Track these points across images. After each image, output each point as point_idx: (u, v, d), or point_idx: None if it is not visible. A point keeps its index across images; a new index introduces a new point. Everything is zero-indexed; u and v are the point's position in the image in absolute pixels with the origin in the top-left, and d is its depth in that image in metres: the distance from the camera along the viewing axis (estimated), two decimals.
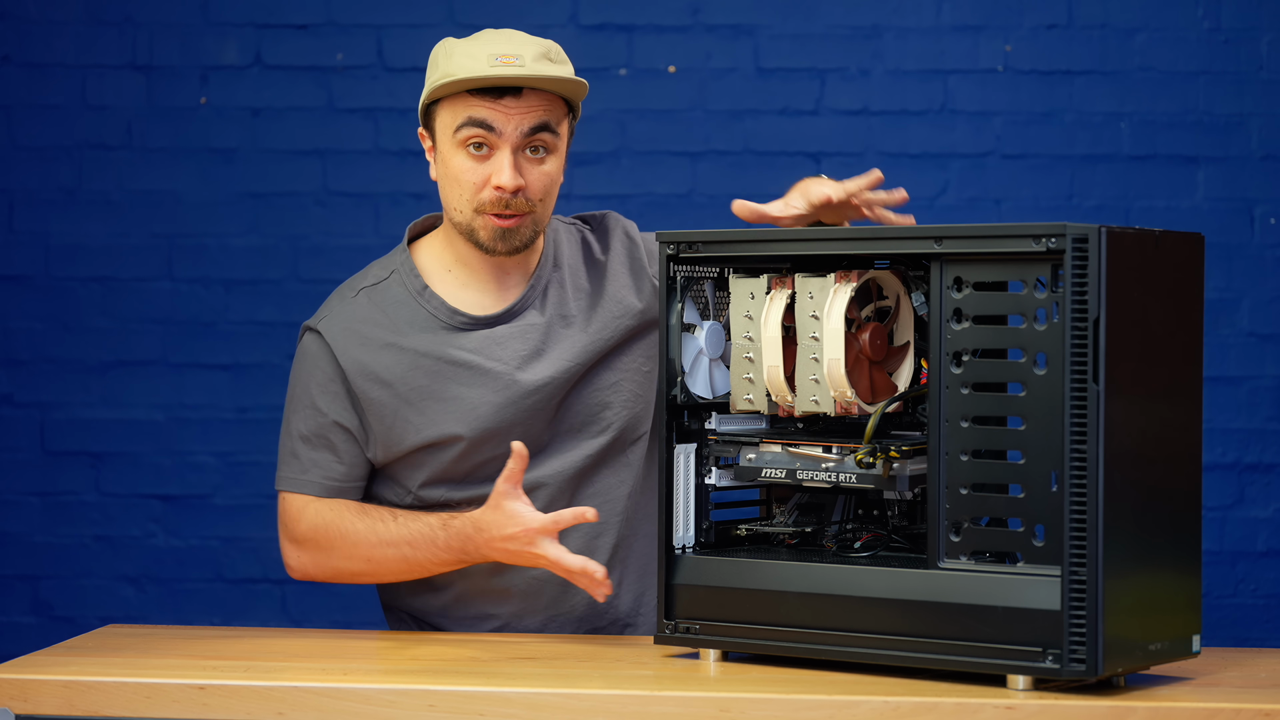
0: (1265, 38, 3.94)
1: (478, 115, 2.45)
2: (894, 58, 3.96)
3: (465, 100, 2.46)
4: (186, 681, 2.12)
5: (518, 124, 2.46)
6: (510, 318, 2.55)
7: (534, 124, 2.46)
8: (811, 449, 2.22)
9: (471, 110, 2.46)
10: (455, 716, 2.07)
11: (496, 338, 2.54)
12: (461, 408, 2.51)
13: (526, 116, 2.46)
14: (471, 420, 2.51)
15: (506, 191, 2.46)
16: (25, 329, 4.00)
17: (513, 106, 2.46)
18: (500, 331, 2.54)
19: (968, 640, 2.06)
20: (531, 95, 2.47)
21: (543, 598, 2.56)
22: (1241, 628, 3.92)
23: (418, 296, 2.55)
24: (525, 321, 2.55)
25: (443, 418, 2.51)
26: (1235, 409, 3.94)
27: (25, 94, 3.99)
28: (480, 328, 2.54)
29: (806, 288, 2.20)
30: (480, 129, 2.46)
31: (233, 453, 3.97)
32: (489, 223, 2.48)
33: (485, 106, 2.45)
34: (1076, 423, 1.99)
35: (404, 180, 3.97)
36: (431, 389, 2.51)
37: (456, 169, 2.48)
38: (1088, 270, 1.99)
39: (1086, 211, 3.93)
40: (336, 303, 2.58)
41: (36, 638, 3.75)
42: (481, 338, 2.53)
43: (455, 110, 2.47)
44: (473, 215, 2.49)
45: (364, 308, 2.55)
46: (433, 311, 2.54)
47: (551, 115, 2.48)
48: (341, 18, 3.98)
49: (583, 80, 2.49)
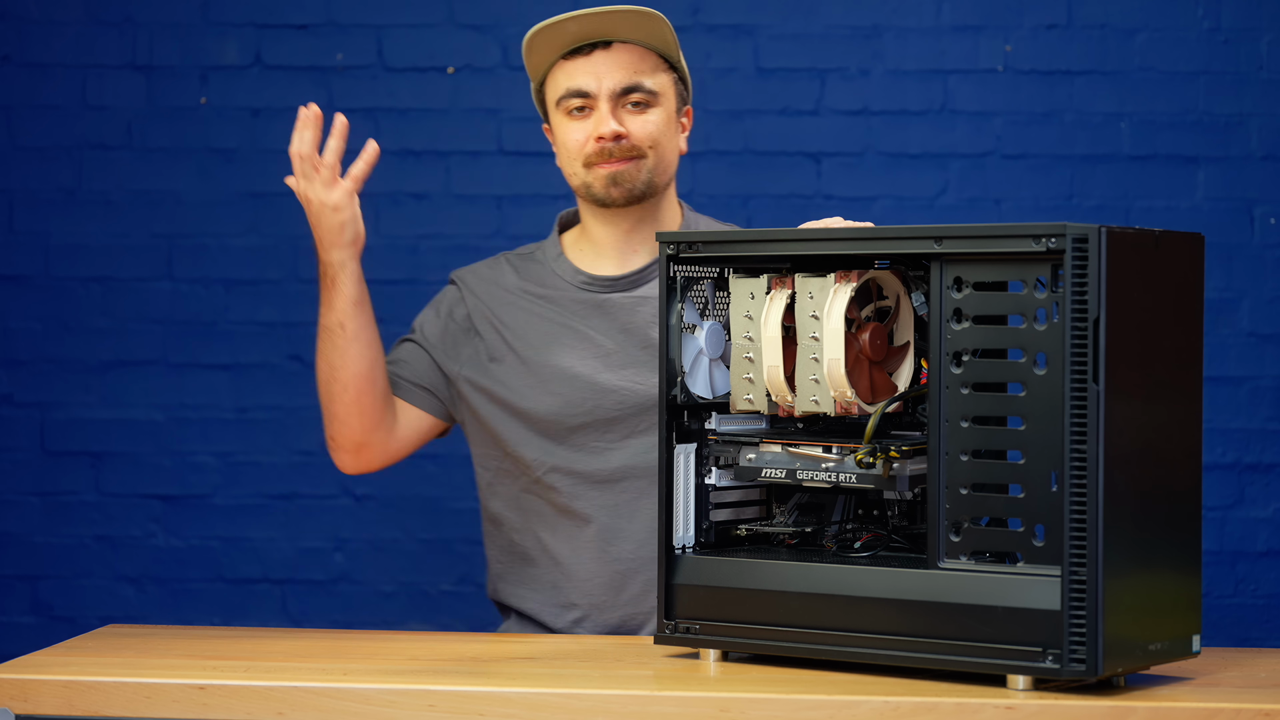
0: (1265, 38, 3.94)
1: (573, 84, 2.60)
2: (894, 58, 3.96)
3: (562, 68, 2.62)
4: (186, 681, 2.11)
5: (609, 81, 2.59)
6: (630, 286, 2.66)
7: (626, 83, 2.60)
8: (811, 449, 2.22)
9: (568, 78, 2.60)
10: (455, 716, 2.07)
11: (609, 306, 2.65)
12: (558, 366, 2.63)
13: (617, 72, 2.59)
14: (565, 380, 2.62)
15: (608, 139, 2.59)
16: (25, 329, 4.00)
17: (602, 63, 2.59)
18: (615, 299, 2.65)
19: (968, 640, 2.06)
20: (622, 51, 2.60)
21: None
22: (1241, 628, 3.92)
23: (553, 262, 2.70)
24: (639, 294, 2.65)
25: (542, 370, 2.63)
26: (1235, 409, 3.94)
27: (25, 94, 3.99)
28: (597, 290, 2.66)
29: (806, 288, 2.20)
30: (578, 97, 2.60)
31: (233, 453, 3.97)
32: (598, 172, 2.61)
33: (578, 68, 2.59)
34: (1076, 423, 1.99)
35: (404, 180, 3.97)
36: (536, 342, 2.65)
37: (563, 135, 2.64)
38: (1088, 270, 1.99)
39: (1086, 211, 3.93)
40: (476, 264, 2.79)
41: (36, 638, 3.75)
42: (594, 304, 2.65)
43: (555, 83, 2.63)
44: (585, 172, 2.62)
45: (502, 267, 2.75)
46: (559, 272, 2.68)
47: (644, 71, 2.61)
48: (341, 18, 3.98)
49: (664, 20, 2.58)
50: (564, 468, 2.63)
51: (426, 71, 3.99)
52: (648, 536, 2.60)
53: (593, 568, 2.62)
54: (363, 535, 3.95)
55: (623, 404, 2.62)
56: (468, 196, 3.97)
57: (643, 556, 2.61)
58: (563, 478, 2.63)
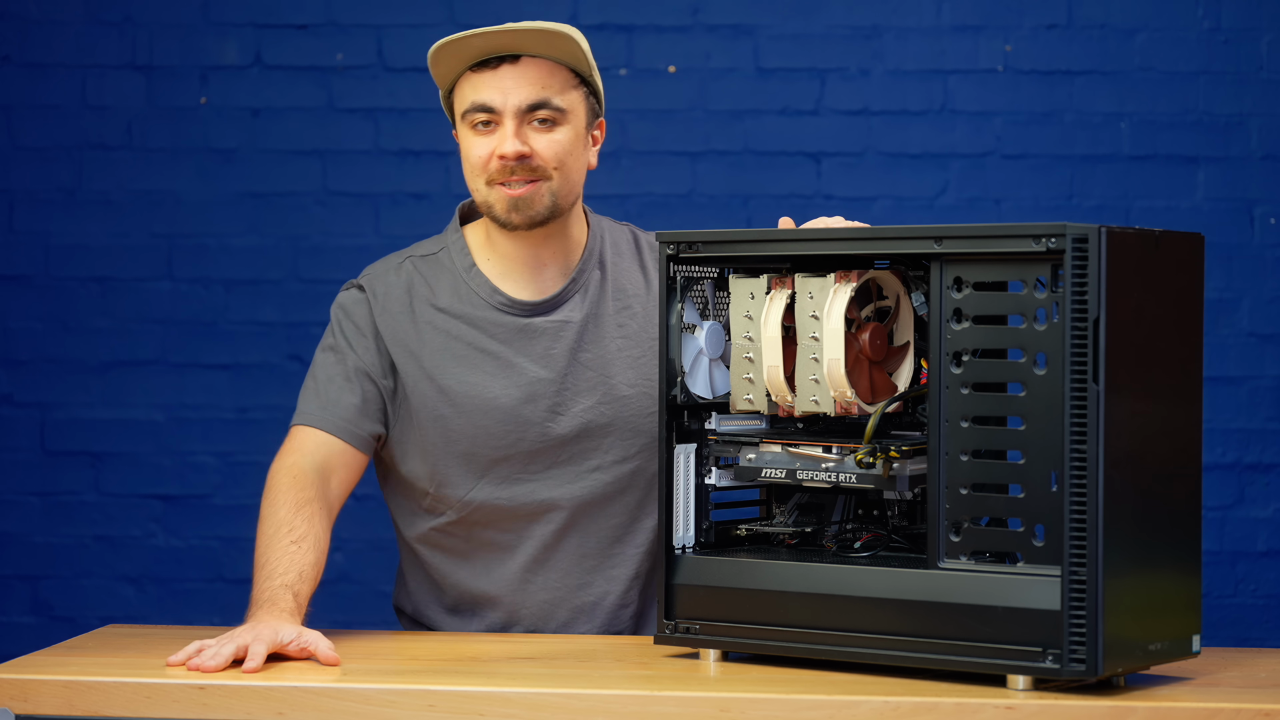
0: (1265, 38, 3.94)
1: (479, 97, 2.48)
2: (894, 58, 3.96)
3: (469, 80, 2.50)
4: (186, 681, 2.11)
5: (516, 97, 2.48)
6: (547, 310, 2.55)
7: (533, 99, 2.48)
8: (811, 449, 2.22)
9: (475, 91, 2.49)
10: (455, 716, 2.07)
11: (531, 331, 2.54)
12: (481, 398, 2.52)
13: (524, 89, 2.48)
14: (487, 412, 2.52)
15: (510, 159, 2.48)
16: (25, 329, 4.00)
17: (508, 77, 2.48)
18: (537, 324, 2.54)
19: (968, 640, 2.06)
20: (530, 65, 2.49)
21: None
22: (1241, 628, 3.92)
23: (465, 273, 2.57)
24: (559, 318, 2.55)
25: (461, 400, 2.52)
26: (1235, 409, 3.94)
27: (25, 94, 3.99)
28: (518, 314, 2.54)
29: (806, 288, 2.20)
30: (482, 111, 2.49)
31: (233, 453, 3.97)
32: (501, 194, 2.50)
33: (484, 81, 2.48)
34: (1076, 423, 1.99)
35: (404, 180, 3.97)
36: (455, 370, 2.53)
37: (467, 148, 2.52)
38: (1088, 270, 1.99)
39: (1086, 211, 3.93)
40: (381, 267, 2.60)
41: (36, 638, 3.75)
42: (516, 328, 2.54)
43: (462, 94, 2.51)
44: (486, 190, 2.51)
45: (410, 275, 2.58)
46: (475, 288, 2.56)
47: (552, 87, 2.49)
48: (341, 18, 3.98)
49: (574, 37, 2.47)
50: (489, 502, 2.55)
51: (426, 71, 3.98)
52: (573, 566, 2.58)
53: (518, 599, 2.58)
54: (363, 535, 3.95)
55: (545, 436, 2.53)
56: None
57: (568, 585, 2.58)
58: (487, 511, 2.55)
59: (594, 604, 2.57)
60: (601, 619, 2.58)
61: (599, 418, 2.54)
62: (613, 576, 2.57)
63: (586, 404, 2.54)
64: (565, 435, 2.53)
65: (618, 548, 2.57)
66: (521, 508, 2.54)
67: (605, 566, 2.57)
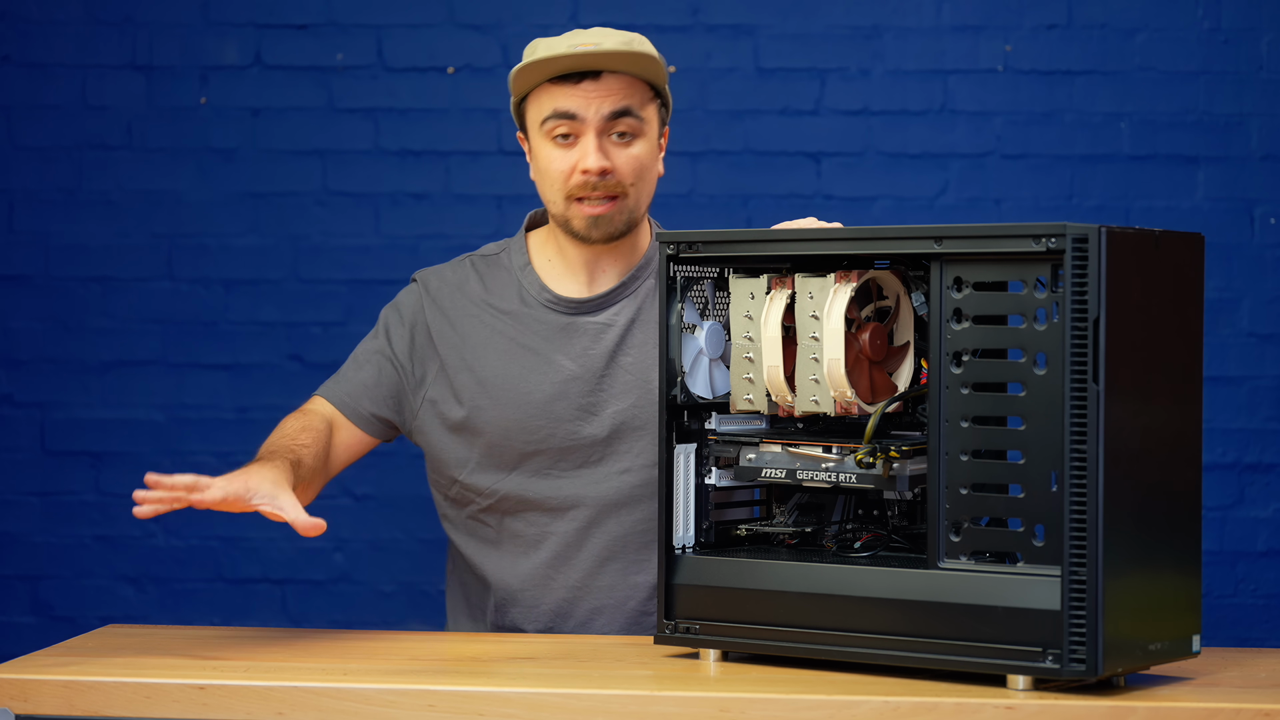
0: (1265, 38, 3.94)
1: (560, 106, 2.52)
2: (894, 58, 3.96)
3: (548, 91, 2.53)
4: (186, 681, 2.11)
5: (598, 108, 2.51)
6: (592, 310, 2.59)
7: (615, 107, 2.52)
8: (811, 449, 2.22)
9: (554, 101, 2.53)
10: (455, 716, 2.07)
11: (573, 329, 2.59)
12: (516, 390, 2.57)
13: (607, 100, 2.52)
14: (520, 405, 2.56)
15: (593, 174, 2.51)
16: (25, 329, 4.00)
17: (592, 91, 2.52)
18: (580, 323, 2.59)
19: (968, 640, 2.06)
20: (611, 79, 2.52)
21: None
22: (1241, 628, 3.92)
23: (519, 272, 2.63)
24: (603, 319, 2.59)
25: (497, 391, 2.57)
26: (1235, 409, 3.94)
27: (25, 94, 3.99)
28: (563, 311, 2.59)
29: (806, 288, 2.20)
30: (563, 120, 2.52)
31: (233, 453, 3.97)
32: (581, 211, 2.54)
33: (565, 93, 2.51)
34: (1076, 423, 1.99)
35: (404, 180, 3.97)
36: (494, 363, 2.58)
37: (545, 160, 2.55)
38: (1088, 270, 1.99)
39: (1086, 211, 3.93)
40: (442, 265, 2.69)
41: (36, 638, 3.75)
42: (559, 325, 2.58)
43: (540, 104, 2.54)
44: (565, 204, 2.55)
45: (467, 273, 2.66)
46: (526, 285, 2.62)
47: (633, 98, 2.53)
48: (341, 18, 3.98)
49: (656, 56, 2.54)
50: (515, 494, 2.58)
51: (426, 71, 3.99)
52: (596, 566, 2.59)
53: (538, 594, 2.59)
54: (363, 535, 3.95)
55: (577, 434, 2.56)
56: (468, 196, 3.97)
57: (590, 586, 2.58)
58: (514, 503, 2.58)
59: (616, 606, 2.58)
60: (622, 621, 2.58)
61: (633, 420, 2.56)
62: (636, 584, 2.57)
63: (621, 406, 2.56)
64: (598, 435, 2.57)
65: (645, 553, 2.57)
66: (547, 501, 2.58)
67: (630, 571, 2.57)
